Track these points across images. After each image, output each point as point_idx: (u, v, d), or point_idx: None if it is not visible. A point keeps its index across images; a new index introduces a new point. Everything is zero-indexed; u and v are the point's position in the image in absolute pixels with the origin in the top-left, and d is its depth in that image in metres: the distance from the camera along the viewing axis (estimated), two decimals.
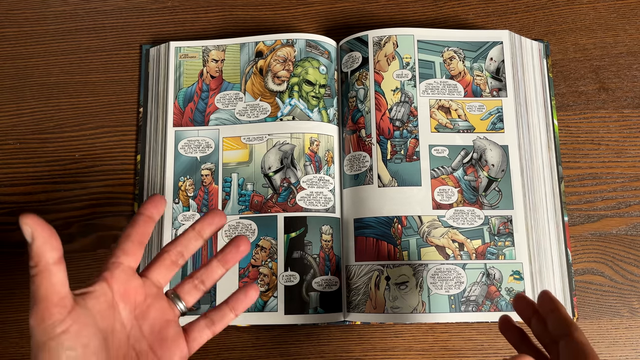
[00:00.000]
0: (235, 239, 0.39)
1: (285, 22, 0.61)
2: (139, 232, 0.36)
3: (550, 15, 0.61)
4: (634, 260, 0.54)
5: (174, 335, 0.36)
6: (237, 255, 0.39)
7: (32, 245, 0.29)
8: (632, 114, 0.58)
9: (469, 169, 0.54)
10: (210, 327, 0.38)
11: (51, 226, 0.30)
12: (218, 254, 0.39)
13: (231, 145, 0.55)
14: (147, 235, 0.36)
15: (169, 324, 0.36)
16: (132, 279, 0.35)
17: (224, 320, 0.38)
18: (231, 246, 0.39)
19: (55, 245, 0.30)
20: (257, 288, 0.39)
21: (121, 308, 0.34)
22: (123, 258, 0.35)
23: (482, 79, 0.56)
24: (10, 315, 0.54)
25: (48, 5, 0.62)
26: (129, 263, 0.35)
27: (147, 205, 0.36)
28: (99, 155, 0.57)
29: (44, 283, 0.29)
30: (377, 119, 0.55)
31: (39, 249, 0.29)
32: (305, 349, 0.53)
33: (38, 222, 0.29)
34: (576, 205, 0.56)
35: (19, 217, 0.29)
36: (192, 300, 0.38)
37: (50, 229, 0.30)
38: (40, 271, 0.29)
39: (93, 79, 0.60)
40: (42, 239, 0.29)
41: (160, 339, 0.35)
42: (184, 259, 0.38)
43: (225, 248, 0.39)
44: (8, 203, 0.56)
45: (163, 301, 0.37)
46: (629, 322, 0.53)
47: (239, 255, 0.39)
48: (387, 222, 0.52)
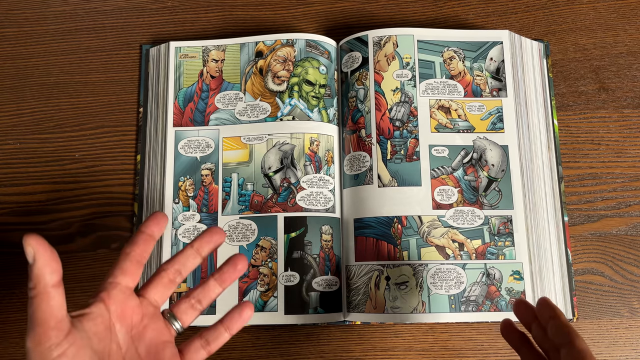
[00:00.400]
0: (232, 257, 0.38)
1: (285, 22, 0.61)
2: (139, 251, 0.35)
3: (550, 15, 0.61)
4: (634, 260, 0.54)
5: (170, 357, 0.35)
6: (234, 274, 0.38)
7: (33, 266, 0.29)
8: (632, 114, 0.58)
9: (469, 169, 0.54)
10: (205, 347, 0.37)
11: (53, 248, 0.30)
12: (215, 272, 0.38)
13: (231, 145, 0.55)
14: (146, 254, 0.36)
15: (165, 345, 0.36)
16: (129, 299, 0.35)
17: (218, 340, 0.38)
18: (229, 265, 0.38)
19: (55, 268, 0.30)
20: (252, 307, 0.39)
21: (118, 329, 0.34)
22: (120, 278, 0.34)
23: (482, 79, 0.56)
24: (10, 315, 0.54)
25: (48, 5, 0.62)
26: (127, 283, 0.35)
27: (148, 223, 0.36)
28: (99, 155, 0.57)
29: (42, 306, 0.29)
30: (377, 119, 0.55)
31: (39, 270, 0.29)
32: (305, 349, 0.53)
33: (41, 243, 0.29)
34: (576, 205, 0.56)
35: (23, 238, 0.29)
36: (188, 320, 0.38)
37: (51, 251, 0.30)
38: (39, 293, 0.30)
39: (93, 79, 0.60)
40: (43, 261, 0.29)
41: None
42: (181, 277, 0.37)
43: (222, 267, 0.38)
44: (8, 203, 0.56)
45: (160, 321, 0.36)
46: (629, 322, 0.53)
47: (237, 274, 0.38)
48: (387, 222, 0.52)
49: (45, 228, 0.55)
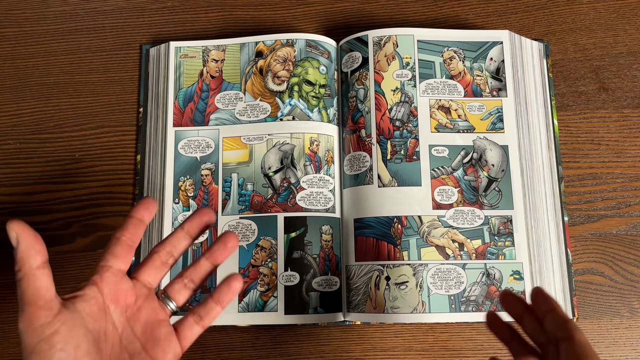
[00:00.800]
0: (222, 235, 0.38)
1: (285, 22, 0.61)
2: (129, 235, 0.36)
3: (550, 15, 0.61)
4: (634, 260, 0.54)
5: (166, 335, 0.36)
6: (225, 252, 0.38)
7: (17, 249, 0.31)
8: (632, 114, 0.58)
9: (469, 169, 0.54)
10: (199, 322, 0.38)
11: (36, 232, 0.31)
12: (206, 251, 0.38)
13: (231, 145, 0.55)
14: (137, 238, 0.36)
15: (160, 324, 0.36)
16: (122, 282, 0.35)
17: (211, 314, 0.38)
18: (219, 243, 0.38)
19: (38, 249, 0.31)
20: (240, 279, 0.39)
21: (112, 310, 0.34)
22: (112, 261, 0.35)
23: (482, 79, 0.56)
24: (10, 315, 0.54)
25: (48, 5, 0.62)
26: (119, 266, 0.35)
27: (137, 208, 0.37)
28: (99, 155, 0.57)
29: (29, 287, 0.31)
30: (377, 119, 0.55)
31: (23, 253, 0.31)
32: (305, 349, 0.53)
33: (23, 227, 0.30)
34: (576, 205, 0.56)
35: (7, 223, 0.30)
36: (182, 299, 0.38)
37: (34, 234, 0.31)
38: (25, 275, 0.31)
39: (93, 79, 0.60)
40: (27, 243, 0.31)
41: (153, 339, 0.35)
42: (174, 258, 0.38)
43: (213, 245, 0.38)
44: (8, 203, 0.56)
45: (154, 302, 0.37)
46: (629, 322, 0.53)
47: (227, 251, 0.38)
48: (387, 222, 0.52)
49: (45, 228, 0.55)
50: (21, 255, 0.31)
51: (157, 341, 0.35)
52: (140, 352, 0.35)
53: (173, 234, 0.38)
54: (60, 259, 0.54)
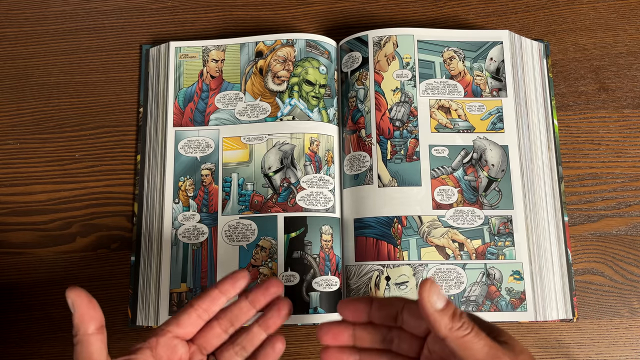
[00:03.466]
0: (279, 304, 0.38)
1: (285, 22, 0.61)
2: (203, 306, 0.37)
3: (550, 15, 0.61)
4: (634, 260, 0.54)
5: None
6: (278, 320, 0.38)
7: (74, 316, 0.33)
8: (632, 114, 0.58)
9: (469, 169, 0.54)
10: None
11: (92, 298, 0.34)
12: (259, 318, 0.38)
13: (231, 145, 0.55)
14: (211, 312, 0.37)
15: None
16: (177, 347, 0.36)
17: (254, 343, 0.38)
18: (273, 310, 0.38)
19: (93, 316, 0.33)
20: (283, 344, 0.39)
21: None
22: (174, 328, 0.36)
23: (482, 79, 0.56)
24: (10, 315, 0.54)
25: (48, 5, 0.62)
26: (177, 333, 0.36)
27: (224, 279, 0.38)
28: (99, 155, 0.57)
29: (83, 352, 0.33)
30: (377, 119, 0.55)
31: (78, 320, 0.33)
32: (305, 349, 0.53)
33: (79, 294, 0.33)
34: (576, 205, 0.56)
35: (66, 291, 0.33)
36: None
37: (89, 301, 0.33)
38: (80, 340, 0.33)
39: (93, 79, 0.60)
40: (82, 311, 0.33)
41: None
42: (234, 328, 0.38)
43: (267, 312, 0.38)
44: (8, 203, 0.56)
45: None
46: (629, 322, 0.53)
47: (282, 319, 0.38)
48: (387, 222, 0.52)
49: (45, 228, 0.55)
50: (77, 322, 0.33)
51: None
52: None
53: (237, 303, 0.38)
54: (61, 259, 0.54)
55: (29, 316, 0.54)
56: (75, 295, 0.33)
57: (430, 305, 0.30)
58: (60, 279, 0.54)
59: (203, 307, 0.37)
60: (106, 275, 0.54)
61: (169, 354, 0.36)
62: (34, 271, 0.54)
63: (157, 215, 0.54)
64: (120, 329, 0.53)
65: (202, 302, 0.37)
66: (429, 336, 0.35)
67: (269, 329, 0.38)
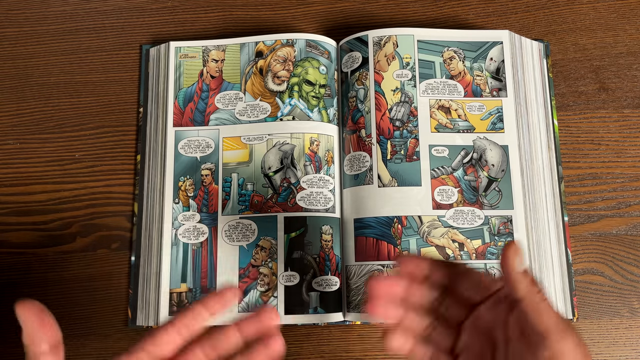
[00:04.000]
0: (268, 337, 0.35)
1: (285, 22, 0.61)
2: (184, 324, 0.33)
3: (550, 15, 0.61)
4: (634, 260, 0.54)
5: None
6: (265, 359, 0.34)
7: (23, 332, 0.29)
8: (632, 114, 0.58)
9: (469, 169, 0.54)
10: None
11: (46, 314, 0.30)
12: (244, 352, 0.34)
13: (231, 145, 0.55)
14: (193, 329, 0.33)
15: None
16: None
17: None
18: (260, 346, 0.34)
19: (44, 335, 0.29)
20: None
21: None
22: (148, 347, 0.32)
23: (482, 79, 0.56)
24: (10, 314, 0.54)
25: (48, 5, 0.62)
26: (155, 352, 0.32)
27: (210, 296, 0.34)
28: (99, 155, 0.57)
29: None
30: (377, 119, 0.55)
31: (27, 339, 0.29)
32: (305, 349, 0.53)
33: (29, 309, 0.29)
34: (576, 205, 0.56)
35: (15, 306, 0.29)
36: None
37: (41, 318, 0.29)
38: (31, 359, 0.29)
39: (93, 79, 0.60)
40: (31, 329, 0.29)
41: None
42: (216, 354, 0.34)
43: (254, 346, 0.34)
44: (8, 203, 0.56)
45: None
46: (629, 322, 0.53)
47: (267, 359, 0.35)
48: (387, 222, 0.52)
49: (45, 228, 0.55)
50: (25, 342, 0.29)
51: None
52: None
53: (224, 329, 0.34)
54: (60, 259, 0.54)
55: None
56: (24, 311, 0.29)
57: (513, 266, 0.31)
58: (60, 279, 0.54)
59: (184, 323, 0.33)
60: (106, 275, 0.54)
61: None
62: (34, 271, 0.54)
63: (157, 215, 0.54)
64: (121, 329, 0.53)
65: (183, 318, 0.33)
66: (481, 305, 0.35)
67: None
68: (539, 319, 0.30)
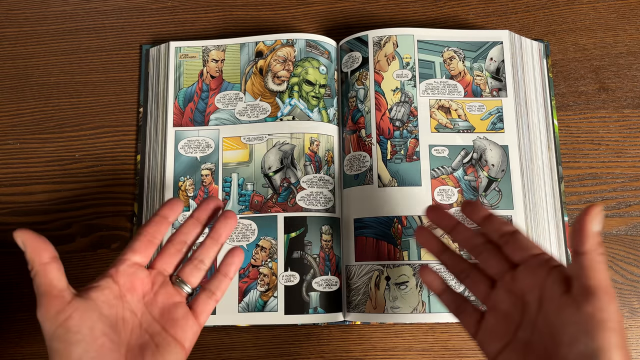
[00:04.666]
0: (223, 213, 0.41)
1: (285, 22, 0.61)
2: (150, 231, 0.39)
3: (550, 15, 0.61)
4: (633, 260, 0.54)
5: (183, 315, 0.39)
6: (227, 228, 0.41)
7: (26, 252, 0.34)
8: (632, 114, 0.58)
9: (469, 169, 0.54)
10: (211, 297, 0.40)
11: (40, 235, 0.35)
12: (210, 232, 0.41)
13: (231, 145, 0.55)
14: (159, 234, 0.40)
15: (177, 306, 0.39)
16: (138, 272, 0.38)
17: (221, 287, 0.41)
18: (220, 221, 0.41)
19: (44, 248, 0.35)
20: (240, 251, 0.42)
21: (129, 298, 0.37)
22: (130, 255, 0.38)
23: (482, 79, 0.56)
24: (10, 314, 0.54)
25: (48, 5, 0.62)
26: (135, 260, 0.38)
27: (162, 207, 0.40)
28: (99, 155, 0.57)
29: (42, 281, 0.34)
30: (377, 119, 0.55)
31: (31, 254, 0.34)
32: (305, 349, 0.53)
33: (27, 233, 0.35)
34: (576, 205, 0.56)
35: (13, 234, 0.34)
36: (195, 280, 0.40)
37: (38, 236, 0.35)
38: (37, 271, 0.34)
39: (93, 79, 0.60)
40: (33, 245, 0.34)
41: (171, 320, 0.38)
42: (187, 245, 0.41)
43: (215, 224, 0.41)
44: (8, 203, 0.56)
45: (169, 287, 0.40)
46: (629, 322, 0.53)
47: (229, 227, 0.41)
48: (387, 222, 0.52)
49: (45, 228, 0.55)
50: (30, 256, 0.34)
51: (175, 321, 0.38)
52: (160, 332, 0.37)
53: (184, 223, 0.41)
54: (61, 259, 0.54)
55: (29, 316, 0.54)
56: (23, 235, 0.34)
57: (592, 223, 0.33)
58: None
59: (150, 232, 0.39)
60: None
61: (130, 280, 0.37)
62: None
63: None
64: None
65: (148, 228, 0.39)
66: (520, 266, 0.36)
67: (220, 238, 0.41)
68: (594, 274, 0.32)
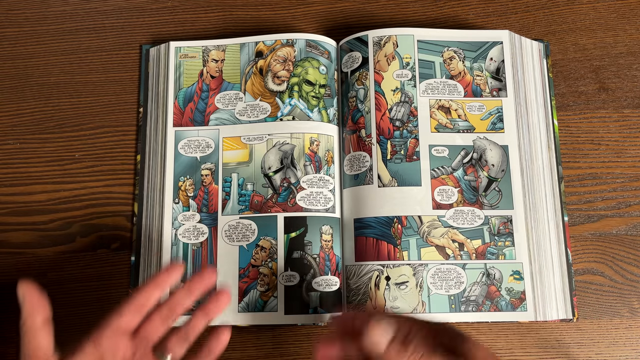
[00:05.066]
0: (217, 293, 0.42)
1: (285, 22, 0.61)
2: (143, 298, 0.39)
3: (550, 15, 0.61)
4: (633, 260, 0.54)
5: None
6: (218, 308, 0.41)
7: (22, 308, 0.36)
8: (632, 114, 0.58)
9: (469, 169, 0.54)
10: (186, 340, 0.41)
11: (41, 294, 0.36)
12: (199, 307, 0.42)
13: (231, 145, 0.55)
14: (150, 302, 0.40)
15: None
16: (121, 337, 0.38)
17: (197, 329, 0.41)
18: (212, 301, 0.41)
19: (40, 309, 0.36)
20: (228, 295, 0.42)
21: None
22: (115, 320, 0.38)
23: (482, 79, 0.56)
24: (10, 315, 0.54)
25: (48, 5, 0.62)
26: (120, 324, 0.38)
27: (161, 272, 0.41)
28: (99, 155, 0.57)
29: (30, 344, 0.35)
30: (377, 119, 0.55)
31: (27, 312, 0.36)
32: (305, 349, 0.53)
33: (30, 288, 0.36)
34: (576, 205, 0.56)
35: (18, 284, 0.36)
36: (179, 351, 0.40)
37: (39, 296, 0.36)
38: (28, 330, 0.35)
39: (93, 79, 0.60)
40: (30, 303, 0.36)
41: None
42: (175, 316, 0.40)
43: (208, 302, 0.42)
44: (8, 203, 0.56)
45: (151, 356, 0.39)
46: (629, 322, 0.53)
47: (220, 307, 0.42)
48: (387, 222, 0.52)
49: (45, 228, 0.55)
50: (25, 314, 0.36)
51: None
52: None
53: (176, 293, 0.41)
54: (61, 259, 0.55)
55: None
56: (26, 289, 0.36)
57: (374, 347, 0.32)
58: (60, 279, 0.54)
59: (141, 301, 0.39)
60: (106, 275, 0.54)
61: (113, 344, 0.37)
62: (34, 271, 0.54)
63: (157, 215, 0.54)
64: None
65: (139, 295, 0.39)
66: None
67: (208, 316, 0.41)
68: None
